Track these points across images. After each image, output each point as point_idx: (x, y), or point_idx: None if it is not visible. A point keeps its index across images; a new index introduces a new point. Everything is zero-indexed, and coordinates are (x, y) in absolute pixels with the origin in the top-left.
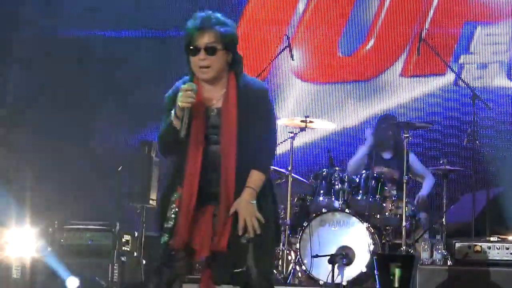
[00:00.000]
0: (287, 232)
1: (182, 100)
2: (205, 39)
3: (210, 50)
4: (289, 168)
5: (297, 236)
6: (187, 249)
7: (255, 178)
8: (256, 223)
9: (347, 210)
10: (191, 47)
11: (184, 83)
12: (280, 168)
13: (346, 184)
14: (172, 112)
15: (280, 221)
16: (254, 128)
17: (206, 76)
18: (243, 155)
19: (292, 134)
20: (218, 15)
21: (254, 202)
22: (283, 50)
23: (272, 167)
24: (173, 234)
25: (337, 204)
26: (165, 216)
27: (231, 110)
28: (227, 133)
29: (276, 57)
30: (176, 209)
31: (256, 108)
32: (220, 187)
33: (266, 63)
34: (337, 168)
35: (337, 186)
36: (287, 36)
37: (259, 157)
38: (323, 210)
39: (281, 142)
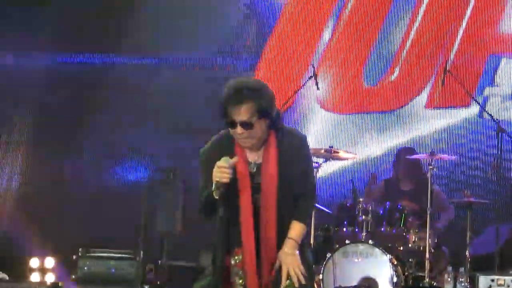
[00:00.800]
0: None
1: (218, 176)
2: (240, 116)
3: (247, 125)
4: None
5: (321, 266)
6: None
7: (297, 229)
8: (300, 275)
9: (370, 242)
10: (228, 120)
11: (218, 141)
12: None
13: (369, 215)
14: (214, 184)
15: None
16: (295, 180)
17: (247, 146)
18: (285, 211)
19: (317, 164)
20: (251, 82)
21: (297, 253)
22: (308, 79)
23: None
24: None
25: (360, 235)
26: (228, 281)
27: (272, 169)
28: (267, 193)
29: (302, 86)
30: (241, 272)
31: (296, 160)
32: (261, 244)
33: (291, 92)
34: (361, 199)
35: (360, 217)
36: (313, 65)
37: (300, 208)
38: (347, 241)
39: None
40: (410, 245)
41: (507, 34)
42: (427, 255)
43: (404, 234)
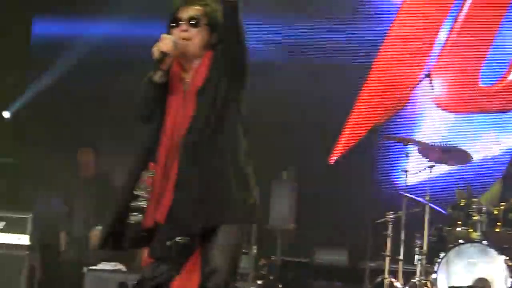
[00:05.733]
0: (424, 262)
1: (161, 45)
2: (188, 12)
3: (193, 21)
4: (427, 198)
5: (434, 266)
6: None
7: None
8: None
9: (484, 242)
10: (174, 18)
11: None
12: (417, 197)
13: (484, 215)
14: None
15: (417, 251)
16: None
17: (186, 48)
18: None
19: (431, 164)
20: None
21: None
22: (423, 79)
23: (409, 195)
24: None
25: (474, 235)
26: (131, 194)
27: (198, 83)
28: (187, 103)
29: (417, 85)
30: (148, 189)
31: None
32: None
33: (406, 91)
34: (475, 199)
35: (475, 217)
36: (429, 64)
37: None
38: (461, 241)
39: (419, 171)
40: None
41: None
42: None
43: None
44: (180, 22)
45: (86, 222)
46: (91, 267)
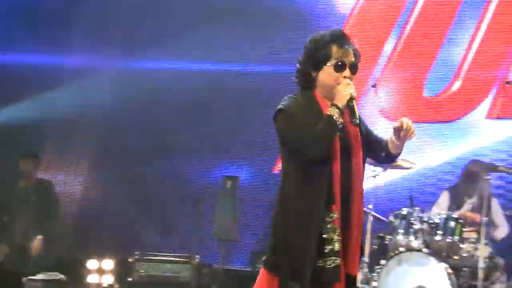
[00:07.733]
0: (365, 270)
1: (353, 90)
2: (351, 57)
3: (354, 69)
4: (370, 207)
5: (375, 274)
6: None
7: None
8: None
9: (425, 250)
10: (339, 62)
11: (301, 98)
12: None
13: (425, 224)
14: (332, 108)
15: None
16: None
17: (348, 93)
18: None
19: (375, 173)
20: None
21: None
22: (369, 89)
23: None
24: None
25: (415, 243)
26: (320, 237)
27: (354, 129)
28: (356, 150)
29: (362, 95)
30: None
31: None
32: (351, 202)
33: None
34: (417, 208)
35: (416, 226)
36: (374, 75)
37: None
38: (401, 250)
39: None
40: (464, 255)
41: None
42: (481, 265)
43: (459, 243)
44: (343, 67)
45: (26, 232)
46: (30, 277)
